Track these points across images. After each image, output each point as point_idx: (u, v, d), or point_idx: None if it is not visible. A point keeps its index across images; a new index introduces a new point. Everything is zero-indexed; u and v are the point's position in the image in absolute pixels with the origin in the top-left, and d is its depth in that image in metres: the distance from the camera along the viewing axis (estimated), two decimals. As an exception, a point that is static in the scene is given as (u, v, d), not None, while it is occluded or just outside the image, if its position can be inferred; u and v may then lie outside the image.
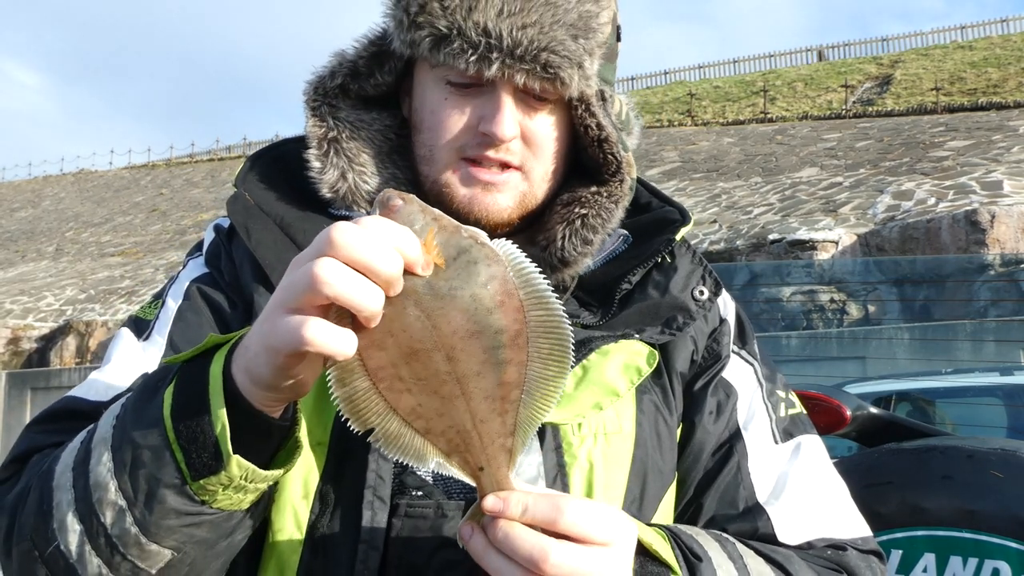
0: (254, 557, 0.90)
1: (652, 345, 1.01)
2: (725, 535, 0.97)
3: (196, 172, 31.23)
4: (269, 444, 0.79)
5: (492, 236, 1.00)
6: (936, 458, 2.35)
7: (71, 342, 14.39)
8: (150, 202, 27.30)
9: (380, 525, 0.89)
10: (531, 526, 0.73)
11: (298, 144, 1.08)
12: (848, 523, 1.05)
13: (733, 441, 1.04)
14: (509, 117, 0.98)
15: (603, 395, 0.96)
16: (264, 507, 0.86)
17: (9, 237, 26.74)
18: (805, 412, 1.12)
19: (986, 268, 9.34)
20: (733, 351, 1.10)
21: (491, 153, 0.99)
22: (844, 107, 22.36)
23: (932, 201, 11.68)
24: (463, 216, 1.00)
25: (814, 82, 26.46)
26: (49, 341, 14.72)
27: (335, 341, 0.67)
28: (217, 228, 1.09)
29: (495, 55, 0.95)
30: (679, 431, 1.05)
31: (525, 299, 0.72)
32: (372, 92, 1.08)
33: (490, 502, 0.74)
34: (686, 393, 1.06)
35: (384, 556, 0.89)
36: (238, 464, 0.74)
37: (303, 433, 0.82)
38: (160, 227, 23.29)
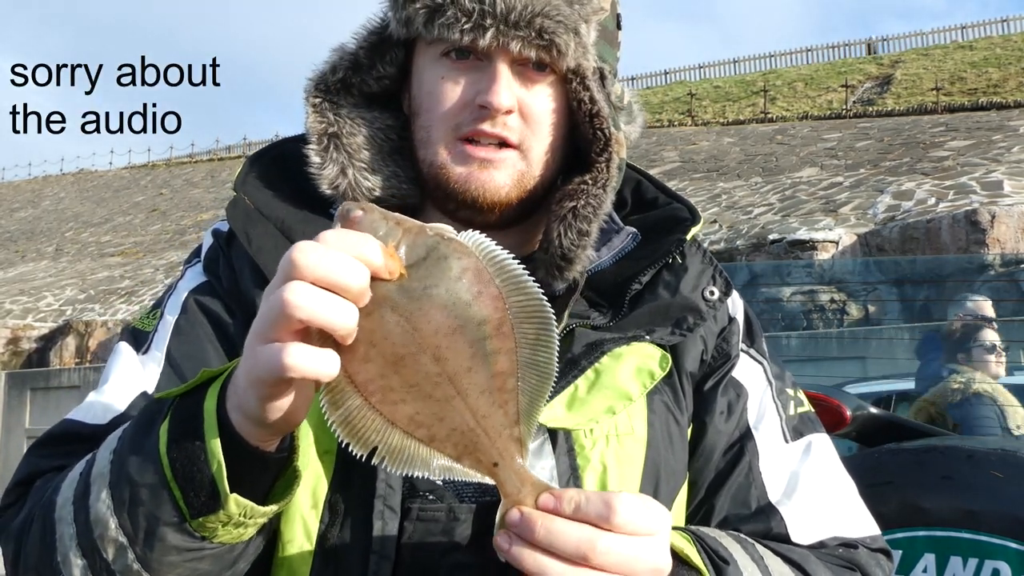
0: (264, 568, 0.90)
1: (663, 347, 1.00)
2: (743, 536, 0.96)
3: (196, 172, 31.22)
4: (266, 476, 0.78)
5: (492, 218, 1.00)
6: (936, 458, 2.35)
7: (71, 342, 14.38)
8: (150, 202, 27.29)
9: (391, 534, 0.88)
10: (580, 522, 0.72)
11: (298, 143, 1.07)
12: (858, 522, 1.05)
13: (744, 441, 1.04)
14: (505, 87, 0.97)
15: (616, 399, 0.95)
16: (267, 534, 0.85)
17: (9, 237, 26.73)
18: (813, 411, 1.12)
19: (986, 268, 9.33)
20: (742, 350, 1.09)
21: (487, 127, 0.98)
22: (844, 107, 22.34)
23: (932, 201, 11.68)
24: (459, 197, 0.99)
25: (814, 82, 26.46)
26: (49, 341, 14.71)
27: (317, 363, 0.66)
28: (216, 233, 1.07)
29: (489, 22, 0.94)
30: (690, 431, 1.04)
31: (502, 286, 0.71)
32: (375, 88, 1.07)
33: (544, 499, 0.73)
34: (697, 393, 1.05)
35: (395, 560, 0.88)
36: (236, 502, 0.74)
37: (303, 459, 0.81)
38: (160, 227, 23.29)
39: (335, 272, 0.66)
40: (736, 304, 1.11)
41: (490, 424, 0.73)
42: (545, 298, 0.72)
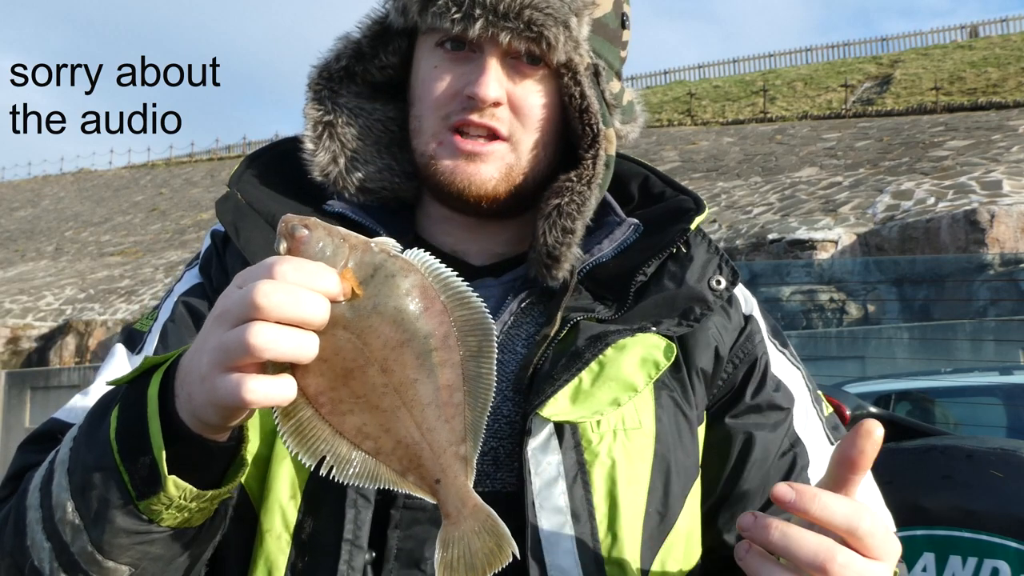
0: (244, 558, 0.91)
1: (669, 338, 0.99)
2: None
3: (195, 172, 31.23)
4: (215, 464, 0.79)
5: (481, 209, 1.02)
6: (936, 458, 2.36)
7: (70, 341, 14.39)
8: (149, 202, 27.30)
9: (364, 523, 0.89)
10: (822, 524, 0.70)
11: (298, 140, 1.08)
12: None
13: (795, 448, 1.04)
14: (493, 79, 0.97)
15: (621, 391, 0.94)
16: (222, 521, 0.86)
17: (9, 237, 26.73)
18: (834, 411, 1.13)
19: (985, 268, 9.34)
20: (777, 350, 1.09)
21: (475, 117, 0.98)
22: (844, 107, 22.35)
23: (931, 201, 11.69)
24: (446, 189, 1.00)
25: (814, 82, 26.46)
26: (48, 340, 14.72)
27: (276, 392, 0.69)
28: (213, 234, 1.09)
29: (478, 12, 0.95)
30: (739, 444, 1.03)
31: (447, 301, 0.72)
32: (378, 77, 1.08)
33: (781, 491, 0.71)
34: (738, 403, 1.04)
35: (383, 547, 0.89)
36: (175, 484, 0.75)
37: (249, 451, 0.82)
38: (159, 227, 23.29)
39: (298, 310, 0.67)
40: (749, 301, 1.10)
41: (435, 439, 0.74)
42: (488, 311, 0.74)
